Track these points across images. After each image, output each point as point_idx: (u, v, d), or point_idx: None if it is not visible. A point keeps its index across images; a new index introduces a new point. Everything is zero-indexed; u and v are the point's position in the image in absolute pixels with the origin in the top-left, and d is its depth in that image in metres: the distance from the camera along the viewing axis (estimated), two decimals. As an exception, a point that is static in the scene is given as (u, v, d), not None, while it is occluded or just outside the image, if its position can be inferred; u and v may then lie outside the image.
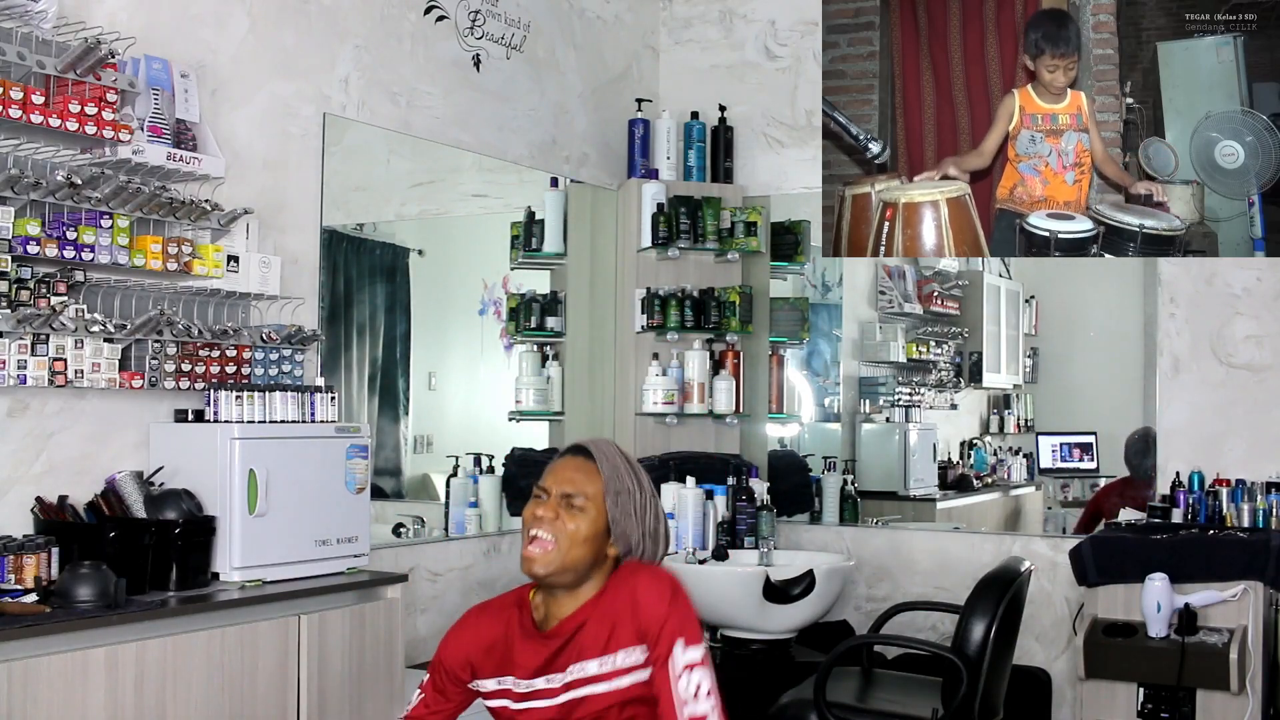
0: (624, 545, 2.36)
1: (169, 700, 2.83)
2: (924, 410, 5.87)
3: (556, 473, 2.37)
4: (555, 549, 2.31)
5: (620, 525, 2.34)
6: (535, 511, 2.34)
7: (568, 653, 2.33)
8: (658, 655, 2.28)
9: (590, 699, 2.31)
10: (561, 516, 2.32)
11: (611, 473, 2.35)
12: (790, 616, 4.23)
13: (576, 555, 2.32)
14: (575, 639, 2.33)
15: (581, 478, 2.35)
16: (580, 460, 2.37)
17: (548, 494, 2.35)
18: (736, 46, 5.34)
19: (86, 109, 3.04)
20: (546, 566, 2.31)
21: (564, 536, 2.31)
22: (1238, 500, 4.28)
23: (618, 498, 2.34)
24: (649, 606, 2.29)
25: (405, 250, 4.80)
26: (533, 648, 2.36)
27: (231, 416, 3.25)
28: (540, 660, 2.34)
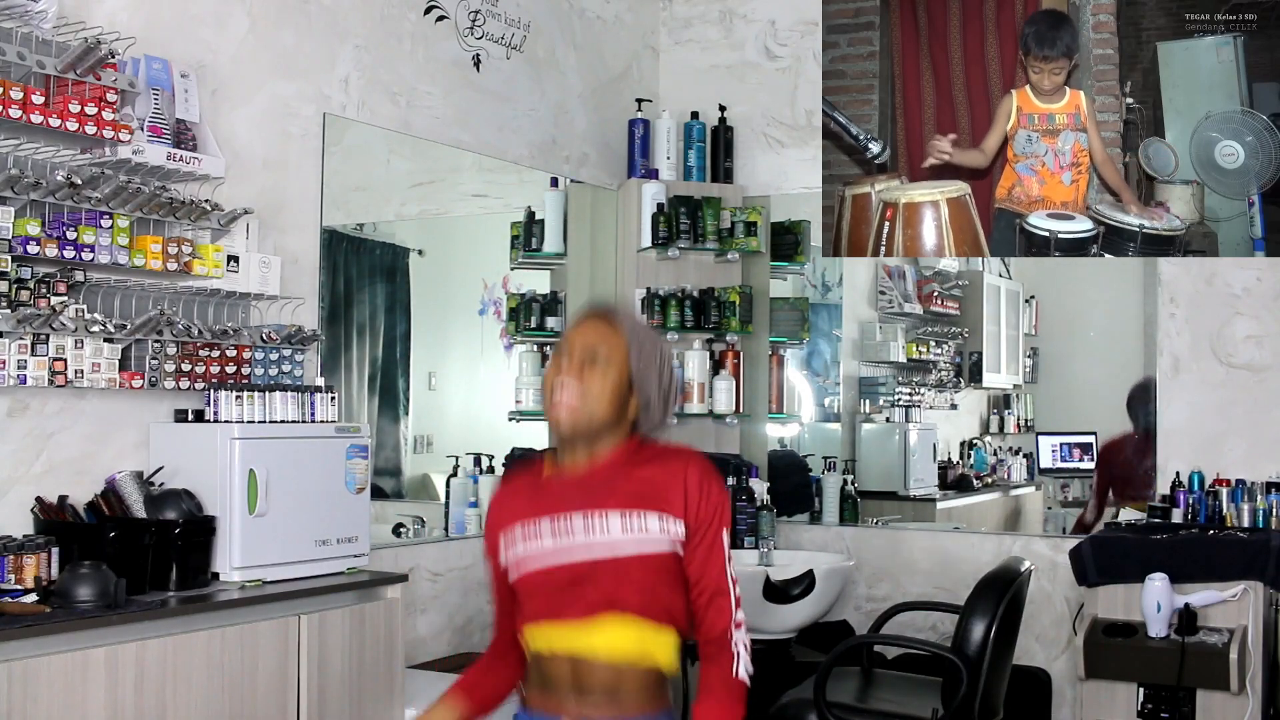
0: (644, 397, 2.36)
1: (169, 700, 2.83)
2: (924, 410, 5.87)
3: (578, 333, 2.38)
4: (583, 405, 2.31)
5: (641, 378, 2.35)
6: (559, 371, 2.34)
7: (592, 493, 2.32)
8: (701, 534, 2.30)
9: (607, 562, 2.29)
10: (585, 375, 2.33)
11: (632, 330, 2.37)
12: (790, 616, 4.23)
13: (601, 411, 2.32)
14: (602, 484, 2.33)
15: (603, 336, 2.36)
16: (600, 321, 2.39)
17: (570, 353, 2.36)
18: (736, 46, 5.34)
19: (86, 109, 3.04)
20: (573, 417, 2.31)
21: (588, 392, 2.32)
22: (1238, 500, 4.29)
23: (640, 353, 2.36)
24: (699, 485, 2.31)
25: (405, 250, 4.80)
26: (553, 488, 2.36)
27: (231, 416, 3.25)
28: (562, 496, 2.34)
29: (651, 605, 2.28)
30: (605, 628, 2.29)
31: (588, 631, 2.29)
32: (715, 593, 2.31)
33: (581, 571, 2.30)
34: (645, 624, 2.29)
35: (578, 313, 2.46)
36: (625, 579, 2.28)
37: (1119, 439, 5.19)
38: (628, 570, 2.29)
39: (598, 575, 2.29)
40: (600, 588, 2.29)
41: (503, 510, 2.40)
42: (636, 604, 2.28)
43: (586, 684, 2.30)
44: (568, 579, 2.30)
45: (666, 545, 2.28)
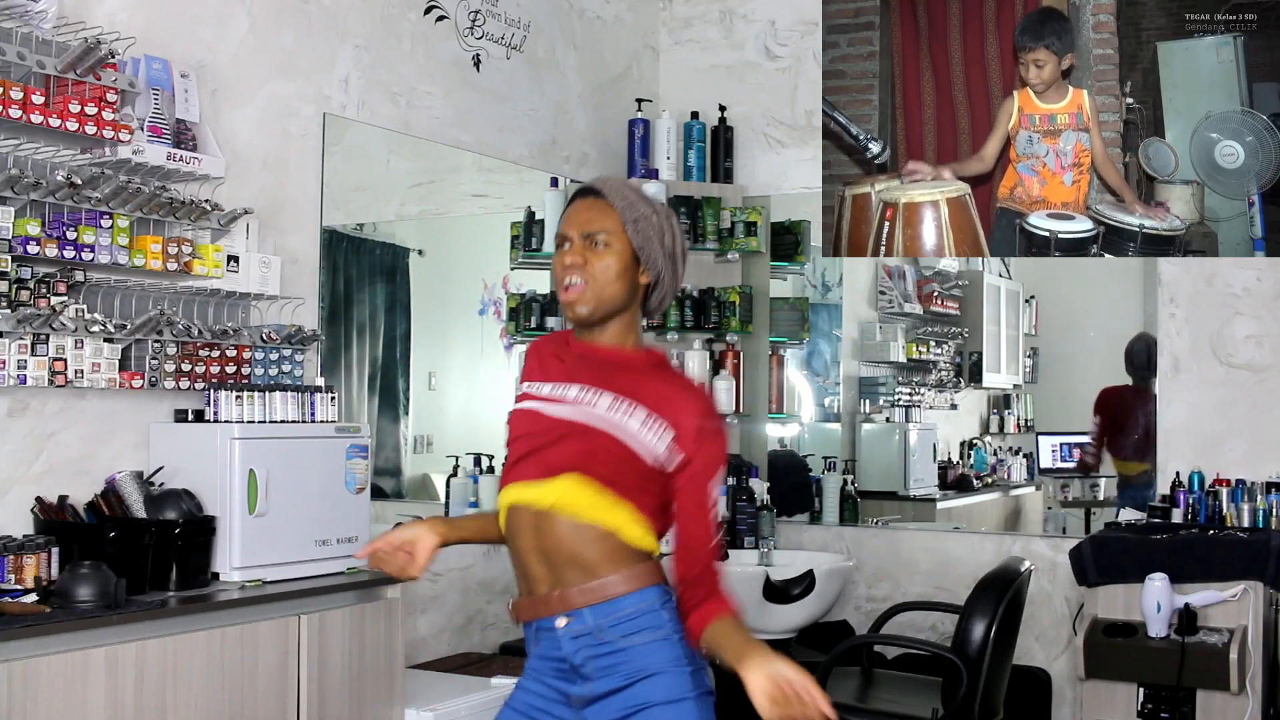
0: (654, 269, 2.38)
1: (169, 700, 2.83)
2: (924, 410, 5.87)
3: (573, 218, 2.39)
4: (591, 288, 2.34)
5: (645, 250, 2.37)
6: (564, 261, 2.36)
7: (593, 372, 2.36)
8: (694, 471, 2.30)
9: (586, 428, 2.32)
10: (589, 259, 2.34)
11: (625, 204, 2.37)
12: (790, 616, 4.23)
13: (613, 290, 2.35)
14: (605, 367, 2.36)
15: (598, 215, 2.37)
16: (592, 199, 2.39)
17: (570, 240, 2.37)
18: (736, 46, 5.34)
19: (86, 109, 3.04)
20: (587, 304, 2.34)
21: (596, 275, 2.34)
22: (1238, 500, 4.28)
23: (637, 224, 2.37)
24: (696, 426, 2.30)
25: (405, 250, 4.80)
26: (565, 359, 2.41)
27: (231, 416, 3.25)
28: (568, 368, 2.38)
29: (610, 478, 2.29)
30: (563, 482, 2.30)
31: (546, 486, 2.31)
32: (690, 528, 2.31)
33: (558, 431, 2.34)
34: (605, 491, 2.29)
35: (570, 196, 2.47)
36: (595, 449, 2.30)
37: (1116, 390, 5.24)
38: (600, 442, 2.30)
39: (570, 439, 2.32)
40: (567, 450, 2.31)
41: (525, 374, 2.47)
42: (598, 473, 2.29)
43: (549, 546, 2.31)
44: (542, 437, 2.35)
45: (639, 447, 2.29)
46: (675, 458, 2.29)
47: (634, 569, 2.29)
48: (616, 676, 2.26)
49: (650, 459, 2.29)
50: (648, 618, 2.28)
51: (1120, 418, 5.26)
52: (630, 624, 2.27)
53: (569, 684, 2.30)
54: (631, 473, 2.29)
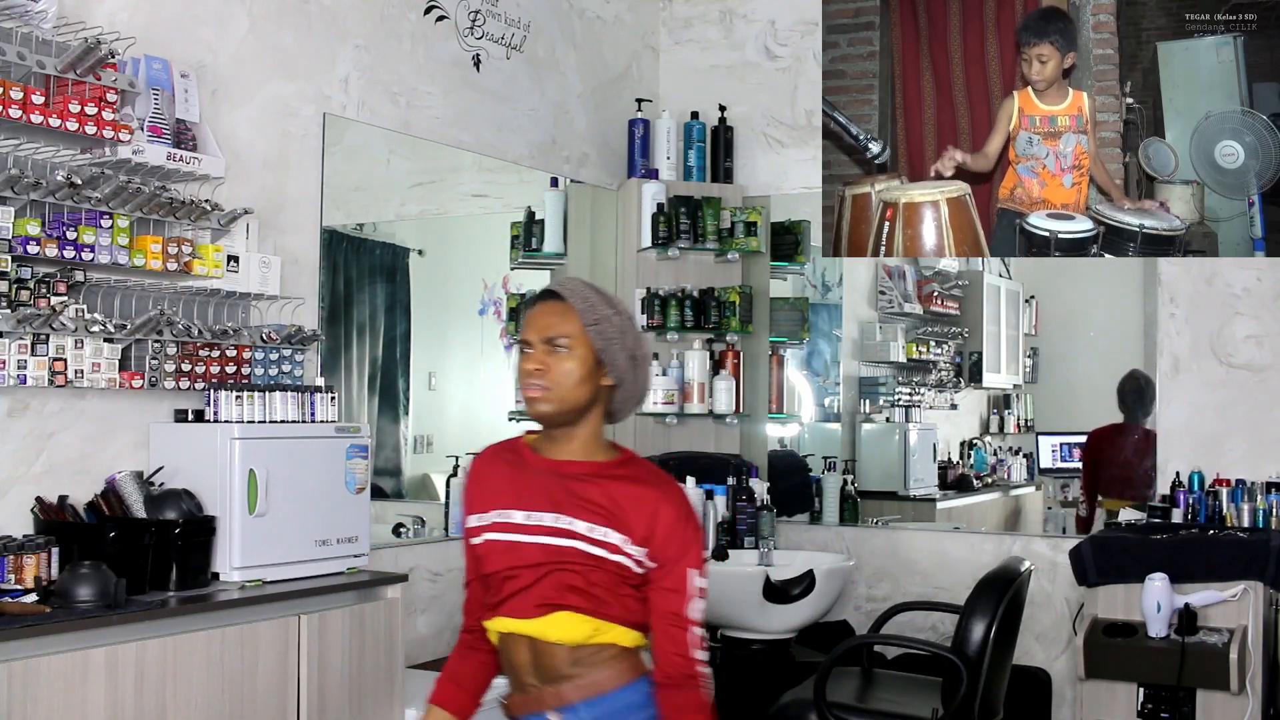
0: (615, 372, 2.39)
1: (169, 700, 2.83)
2: (924, 410, 5.87)
3: (534, 321, 2.41)
4: (553, 392, 2.36)
5: (607, 353, 2.38)
6: (526, 366, 2.38)
7: (565, 492, 2.36)
8: (667, 572, 2.32)
9: (571, 554, 2.33)
10: (550, 364, 2.36)
11: (586, 306, 2.38)
12: (790, 616, 4.23)
13: (576, 394, 2.36)
14: (576, 484, 2.37)
15: (558, 320, 2.38)
16: (553, 304, 2.40)
17: (532, 345, 2.40)
18: (736, 46, 5.34)
19: (86, 109, 3.04)
20: (550, 404, 2.36)
21: (557, 380, 2.36)
22: (1238, 500, 4.28)
23: (598, 327, 2.38)
24: (671, 524, 2.33)
25: (405, 250, 4.80)
26: (530, 477, 2.41)
27: (231, 416, 3.25)
28: (537, 489, 2.38)
29: (602, 608, 2.32)
30: (557, 622, 2.33)
31: (540, 625, 2.34)
32: (674, 626, 2.33)
33: (544, 566, 2.34)
34: (596, 620, 2.33)
35: (532, 296, 2.45)
36: (578, 580, 2.32)
37: (1106, 429, 5.21)
38: (582, 572, 2.32)
39: (557, 572, 2.33)
40: (552, 586, 2.33)
41: (482, 491, 2.44)
42: (587, 605, 2.32)
43: (547, 665, 2.35)
44: (528, 574, 2.35)
45: (624, 558, 2.31)
46: (656, 560, 2.32)
47: (625, 664, 2.35)
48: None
49: (635, 568, 2.32)
50: (641, 712, 2.34)
51: (1110, 463, 5.20)
52: (623, 715, 2.33)
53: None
54: (620, 585, 2.33)
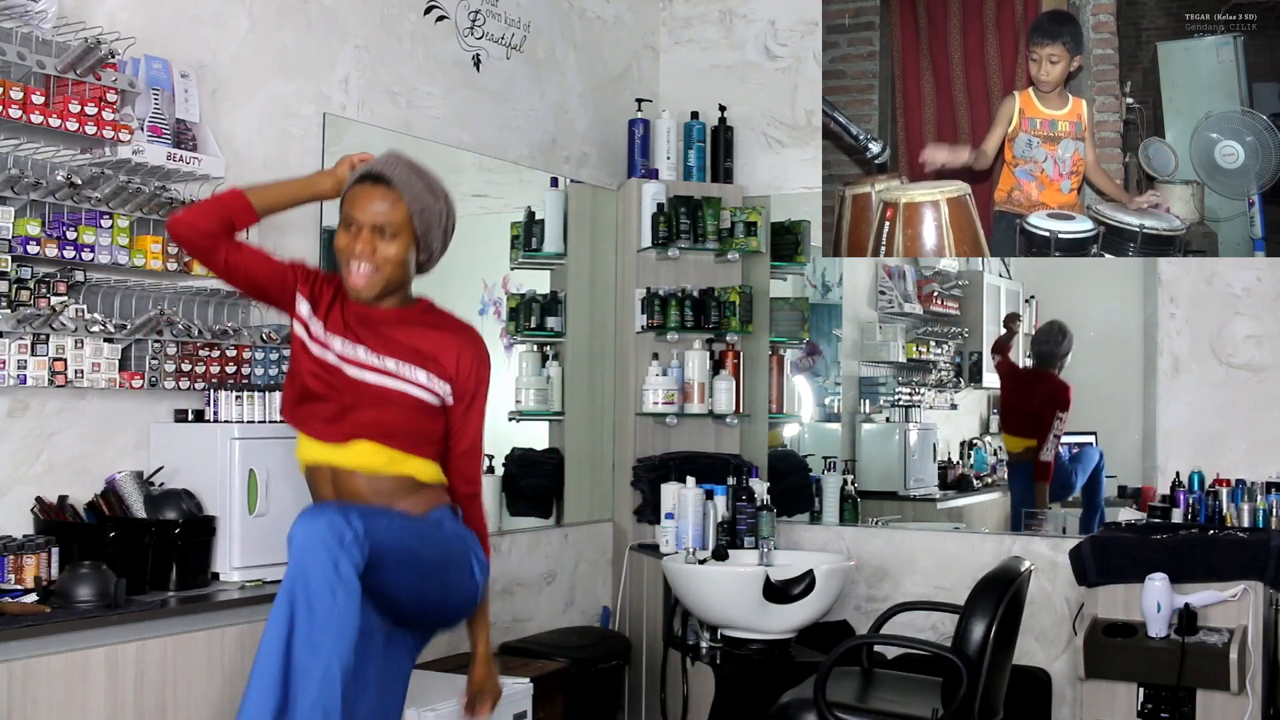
0: (428, 251, 2.68)
1: (169, 700, 2.83)
2: (924, 410, 5.87)
3: (360, 203, 2.61)
4: (378, 274, 2.61)
5: (427, 237, 2.65)
6: (353, 247, 2.60)
7: (373, 333, 2.64)
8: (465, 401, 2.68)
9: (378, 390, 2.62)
10: (377, 247, 2.59)
11: (411, 195, 2.60)
12: (790, 616, 4.23)
13: (396, 275, 2.64)
14: (385, 327, 2.65)
15: (387, 207, 2.60)
16: (383, 190, 2.60)
17: (359, 226, 2.60)
18: (736, 46, 5.34)
19: (86, 109, 3.04)
20: (372, 289, 2.63)
21: (382, 263, 2.60)
22: (1238, 500, 4.28)
23: (422, 215, 2.62)
24: (471, 365, 2.69)
25: (405, 250, 4.79)
26: (352, 315, 2.66)
27: (231, 416, 3.25)
28: (351, 326, 2.65)
29: (403, 438, 2.60)
30: (357, 448, 2.59)
31: (342, 450, 2.60)
32: (470, 447, 2.71)
33: (354, 395, 2.61)
34: (395, 451, 2.60)
35: (355, 175, 2.65)
36: (383, 411, 2.60)
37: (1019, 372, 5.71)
38: (387, 403, 2.60)
39: (365, 406, 2.60)
40: (364, 418, 2.59)
41: (317, 287, 2.71)
42: (388, 434, 2.59)
43: (348, 495, 2.60)
44: (340, 397, 2.61)
45: (427, 395, 2.62)
46: (457, 396, 2.65)
47: (423, 495, 2.63)
48: None
49: (437, 402, 2.62)
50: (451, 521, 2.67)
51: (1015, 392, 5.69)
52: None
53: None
54: (423, 420, 2.62)
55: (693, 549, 4.49)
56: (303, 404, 2.66)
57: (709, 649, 4.39)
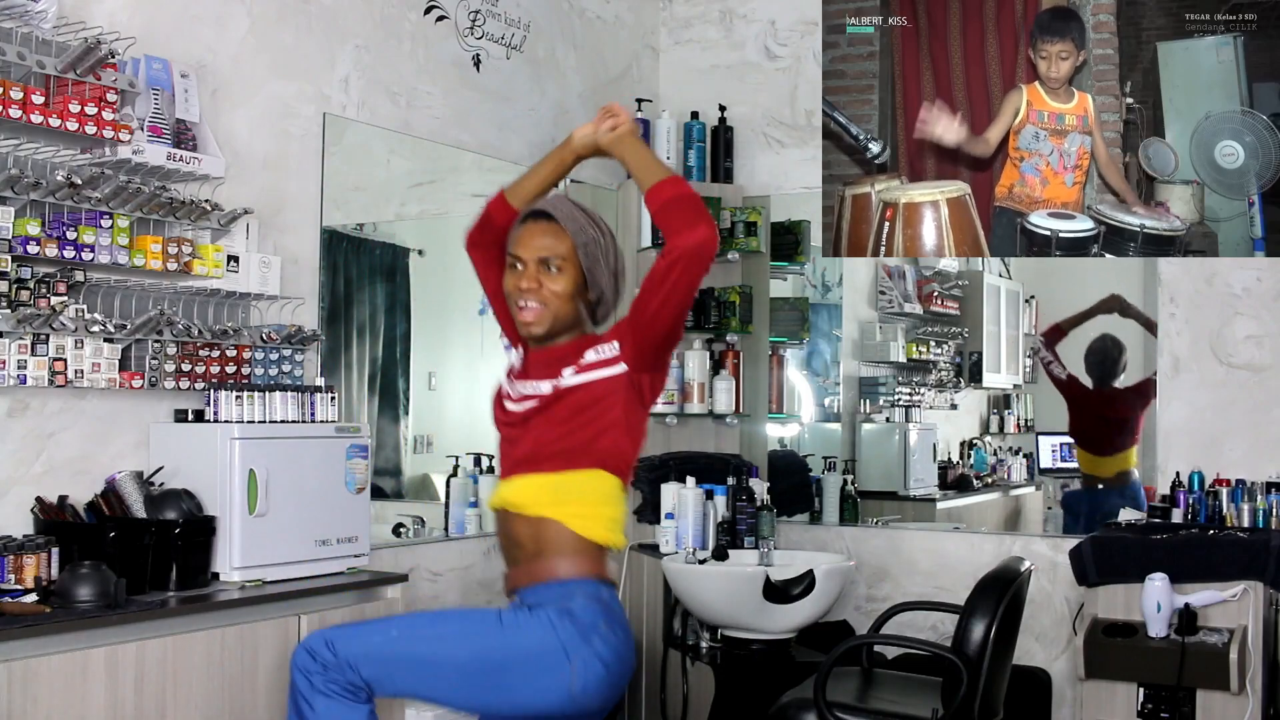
0: (597, 289, 2.60)
1: (169, 700, 2.83)
2: (924, 410, 5.87)
3: (526, 241, 2.58)
4: (546, 310, 2.56)
5: (593, 273, 2.59)
6: (519, 284, 2.57)
7: (545, 368, 2.60)
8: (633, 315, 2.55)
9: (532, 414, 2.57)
10: (542, 282, 2.55)
11: (576, 227, 2.57)
12: (790, 616, 4.23)
13: (565, 311, 2.57)
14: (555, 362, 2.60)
15: (551, 241, 2.56)
16: (545, 224, 2.58)
17: (524, 264, 2.56)
18: (736, 46, 5.34)
19: (86, 109, 3.04)
20: (542, 325, 2.57)
21: (550, 298, 2.56)
22: (1238, 500, 4.28)
23: (587, 249, 2.58)
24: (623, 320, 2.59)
25: (405, 250, 4.80)
26: (525, 363, 2.65)
27: (231, 416, 3.25)
28: (525, 368, 2.64)
29: (568, 447, 2.51)
30: (517, 482, 2.55)
31: (507, 486, 2.58)
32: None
33: (515, 429, 2.59)
34: (555, 475, 2.52)
35: (522, 214, 2.63)
36: (544, 426, 2.53)
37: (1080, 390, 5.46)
38: (550, 413, 2.53)
39: (523, 433, 2.57)
40: (520, 445, 2.56)
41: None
42: (548, 452, 2.52)
43: (510, 536, 2.57)
44: (505, 437, 2.62)
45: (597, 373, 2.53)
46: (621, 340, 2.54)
47: (573, 559, 2.52)
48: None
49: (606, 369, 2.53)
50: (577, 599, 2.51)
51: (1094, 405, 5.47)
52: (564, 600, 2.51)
53: None
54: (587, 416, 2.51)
55: (693, 549, 4.49)
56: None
57: (709, 649, 4.39)
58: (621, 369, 2.52)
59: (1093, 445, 5.43)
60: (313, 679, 2.50)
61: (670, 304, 2.48)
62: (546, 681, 2.42)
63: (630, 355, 2.52)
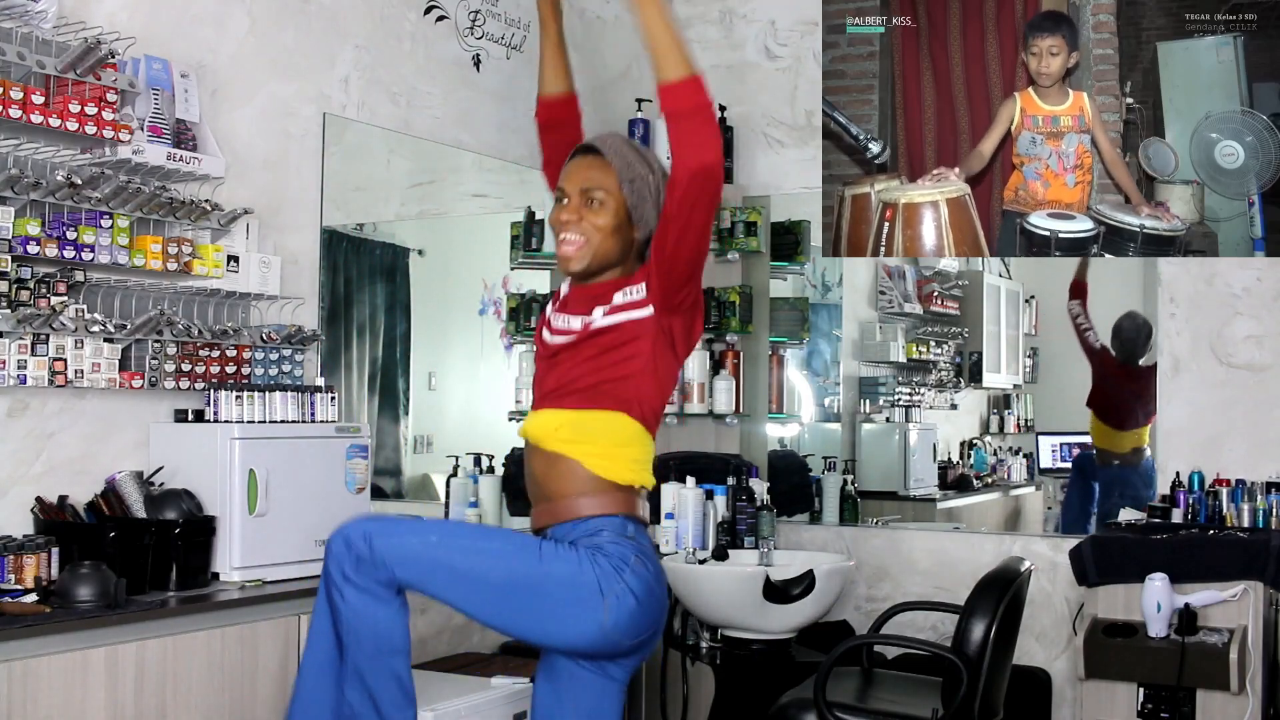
0: (645, 227, 2.51)
1: (169, 700, 2.83)
2: (924, 410, 5.87)
3: (572, 174, 2.52)
4: (586, 245, 2.48)
5: (639, 210, 2.49)
6: (560, 216, 2.50)
7: (584, 303, 2.53)
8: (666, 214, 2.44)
9: (566, 347, 2.51)
10: (584, 215, 2.47)
11: (623, 163, 2.48)
12: (790, 616, 4.23)
13: (606, 247, 2.49)
14: (594, 297, 2.53)
15: (597, 174, 2.49)
16: (592, 158, 2.51)
17: (568, 196, 2.50)
18: (736, 46, 5.34)
19: (86, 109, 3.04)
20: (581, 261, 2.50)
21: (592, 232, 2.48)
22: (1238, 500, 4.28)
23: (633, 185, 2.48)
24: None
25: (405, 250, 4.80)
26: (574, 293, 2.58)
27: (231, 416, 3.25)
28: (567, 300, 2.57)
29: (591, 384, 2.46)
30: (542, 415, 2.51)
31: (533, 417, 2.53)
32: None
33: (546, 361, 2.54)
34: (575, 413, 2.47)
35: (571, 152, 2.58)
36: (572, 362, 2.48)
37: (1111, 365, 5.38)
38: (579, 350, 2.48)
39: (553, 366, 2.52)
40: (549, 379, 2.51)
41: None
42: (573, 389, 2.47)
43: (531, 470, 2.53)
44: (539, 367, 2.56)
45: (624, 314, 2.48)
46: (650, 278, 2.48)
47: (596, 496, 2.48)
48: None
49: (644, 315, 2.47)
50: (606, 534, 2.47)
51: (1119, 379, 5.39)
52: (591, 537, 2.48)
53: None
54: (616, 356, 2.46)
55: (693, 549, 4.49)
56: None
57: (709, 649, 4.39)
58: (649, 311, 2.46)
59: (1112, 419, 5.38)
60: (345, 568, 2.44)
61: (690, 231, 2.40)
62: (580, 612, 2.42)
63: (657, 295, 2.46)
